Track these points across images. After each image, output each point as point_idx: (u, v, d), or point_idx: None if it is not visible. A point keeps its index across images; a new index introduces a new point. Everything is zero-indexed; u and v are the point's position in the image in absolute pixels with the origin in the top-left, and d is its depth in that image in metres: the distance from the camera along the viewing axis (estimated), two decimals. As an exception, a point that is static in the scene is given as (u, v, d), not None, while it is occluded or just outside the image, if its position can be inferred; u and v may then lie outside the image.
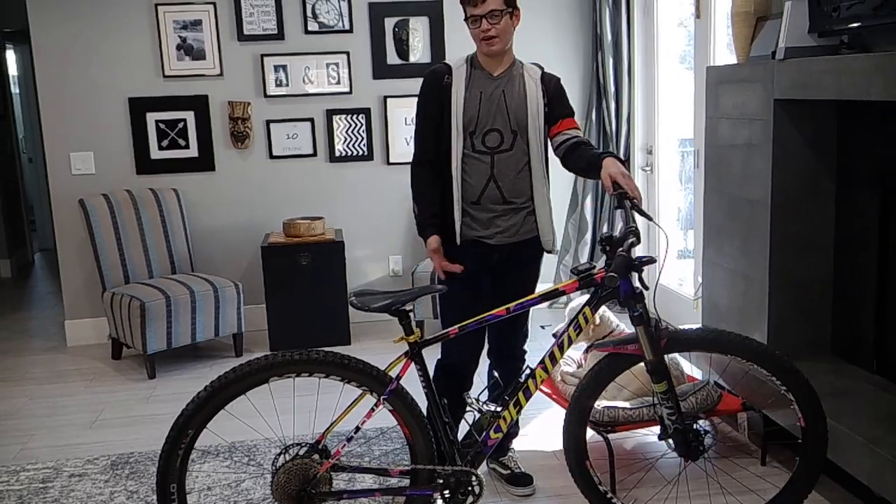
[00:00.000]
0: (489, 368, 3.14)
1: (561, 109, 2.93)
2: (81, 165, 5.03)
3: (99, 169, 5.05)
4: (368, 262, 5.41)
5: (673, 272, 5.05)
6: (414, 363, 2.48)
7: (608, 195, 4.19)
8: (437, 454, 2.50)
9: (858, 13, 2.72)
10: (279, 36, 5.07)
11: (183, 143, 5.11)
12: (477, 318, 2.53)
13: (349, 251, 5.15)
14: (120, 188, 5.00)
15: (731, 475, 3.12)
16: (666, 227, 5.06)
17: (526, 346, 3.16)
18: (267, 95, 5.13)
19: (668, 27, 4.91)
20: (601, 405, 3.13)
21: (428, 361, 2.54)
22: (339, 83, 5.17)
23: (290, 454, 2.41)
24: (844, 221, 3.19)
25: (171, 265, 4.96)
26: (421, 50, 5.22)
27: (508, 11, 2.79)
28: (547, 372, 2.54)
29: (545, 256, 3.06)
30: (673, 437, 2.54)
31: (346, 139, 5.24)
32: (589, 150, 2.80)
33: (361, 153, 5.27)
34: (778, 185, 3.12)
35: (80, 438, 3.76)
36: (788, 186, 3.14)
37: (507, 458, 3.22)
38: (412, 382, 2.45)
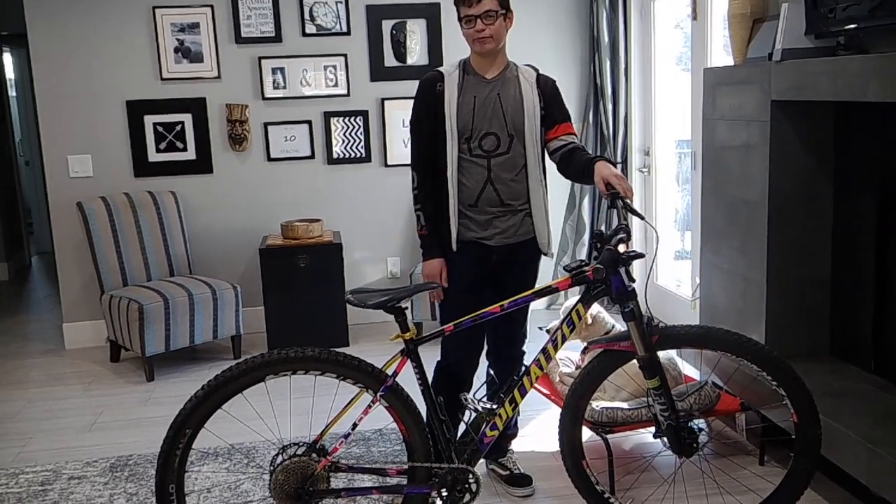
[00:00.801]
0: (487, 368, 3.15)
1: (557, 114, 2.94)
2: (79, 168, 5.03)
3: (97, 172, 5.05)
4: (366, 263, 5.42)
5: (670, 273, 5.06)
6: (410, 360, 2.49)
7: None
8: (433, 452, 2.50)
9: (855, 15, 2.73)
10: (277, 38, 5.08)
11: (181, 145, 5.11)
12: (471, 315, 2.53)
13: (347, 253, 5.15)
14: (118, 191, 5.00)
15: (729, 474, 3.13)
16: (663, 228, 5.07)
17: (525, 347, 3.17)
18: (265, 98, 5.13)
19: (664, 29, 4.92)
20: (600, 406, 3.14)
21: (428, 364, 2.54)
22: (336, 85, 5.17)
23: (287, 453, 2.42)
24: (842, 222, 3.20)
25: (169, 268, 4.96)
26: (418, 52, 5.22)
27: (503, 13, 2.80)
28: (541, 368, 2.55)
29: (543, 258, 3.07)
30: (666, 433, 2.56)
31: (343, 141, 5.24)
32: (583, 155, 2.80)
33: (359, 155, 5.28)
34: (775, 186, 3.13)
35: (78, 441, 3.76)
36: (786, 187, 3.15)
37: (506, 458, 3.22)
38: (411, 383, 2.46)
